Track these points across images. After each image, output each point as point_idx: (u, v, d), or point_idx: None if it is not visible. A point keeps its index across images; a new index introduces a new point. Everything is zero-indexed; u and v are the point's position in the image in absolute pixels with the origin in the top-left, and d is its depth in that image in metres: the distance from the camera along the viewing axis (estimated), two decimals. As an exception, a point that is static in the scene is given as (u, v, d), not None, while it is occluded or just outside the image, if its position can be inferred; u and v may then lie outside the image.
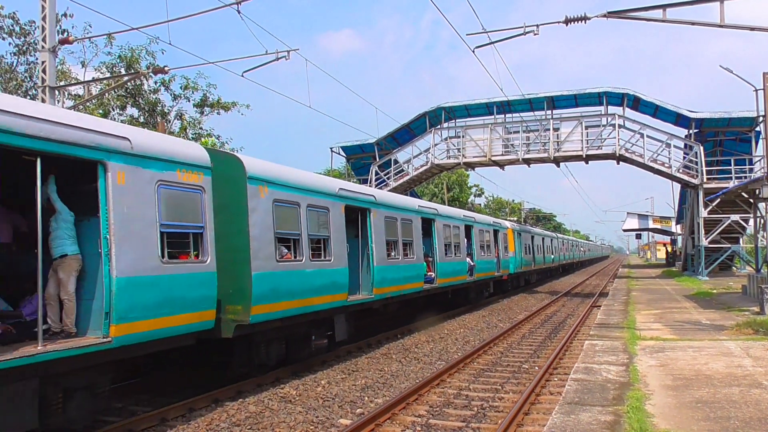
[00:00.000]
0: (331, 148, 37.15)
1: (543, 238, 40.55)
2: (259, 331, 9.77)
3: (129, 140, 7.43)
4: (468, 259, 21.45)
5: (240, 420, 8.06)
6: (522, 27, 14.32)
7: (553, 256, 44.13)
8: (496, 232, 26.47)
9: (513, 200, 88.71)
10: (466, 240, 21.46)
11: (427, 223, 17.77)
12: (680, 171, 30.64)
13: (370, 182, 32.99)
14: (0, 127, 5.92)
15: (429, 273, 17.53)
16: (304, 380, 10.38)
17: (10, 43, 26.02)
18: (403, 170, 34.53)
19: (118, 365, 7.61)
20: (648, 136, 30.39)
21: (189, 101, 32.68)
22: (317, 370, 11.23)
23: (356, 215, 13.58)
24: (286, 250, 10.52)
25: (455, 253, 19.81)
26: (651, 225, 66.56)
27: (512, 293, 29.93)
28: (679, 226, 48.71)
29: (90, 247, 7.18)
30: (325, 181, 12.75)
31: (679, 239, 50.83)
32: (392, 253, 14.90)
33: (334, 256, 11.74)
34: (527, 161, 31.85)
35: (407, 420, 8.17)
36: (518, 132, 31.91)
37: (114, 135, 7.26)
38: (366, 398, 9.33)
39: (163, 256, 7.71)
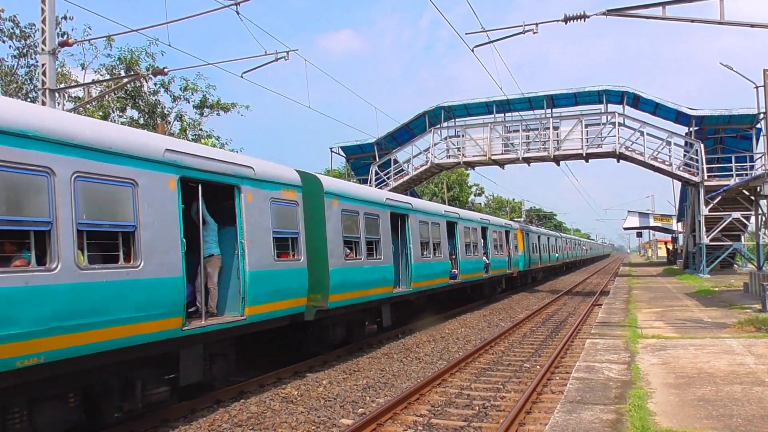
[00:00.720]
0: (330, 149, 37.16)
1: (548, 238, 42.74)
2: (331, 315, 12.00)
3: (253, 168, 9.76)
4: (484, 258, 23.50)
5: (242, 420, 8.06)
6: (521, 26, 14.30)
7: (557, 255, 46.18)
8: (507, 232, 28.60)
9: (513, 199, 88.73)
10: (482, 240, 23.67)
11: (451, 226, 20.01)
12: (681, 169, 30.60)
13: (370, 182, 32.98)
14: (191, 165, 8.31)
15: (453, 270, 19.58)
16: (306, 380, 10.38)
17: (10, 46, 26.05)
18: (403, 170, 34.51)
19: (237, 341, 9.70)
20: (648, 134, 30.35)
21: (189, 102, 32.70)
22: (318, 370, 11.22)
23: (396, 220, 15.71)
24: (349, 251, 12.68)
25: (474, 253, 22.10)
26: (652, 223, 66.40)
27: (513, 292, 29.94)
28: (680, 224, 48.67)
29: (227, 249, 9.44)
30: (376, 193, 15.47)
31: (680, 237, 50.81)
32: (425, 252, 17.09)
33: (383, 255, 14.05)
34: (527, 160, 31.82)
35: (409, 420, 8.16)
36: (518, 131, 31.87)
37: (244, 165, 9.56)
38: (367, 398, 9.32)
39: (276, 256, 10.10)
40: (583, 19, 13.81)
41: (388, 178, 33.84)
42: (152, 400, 7.71)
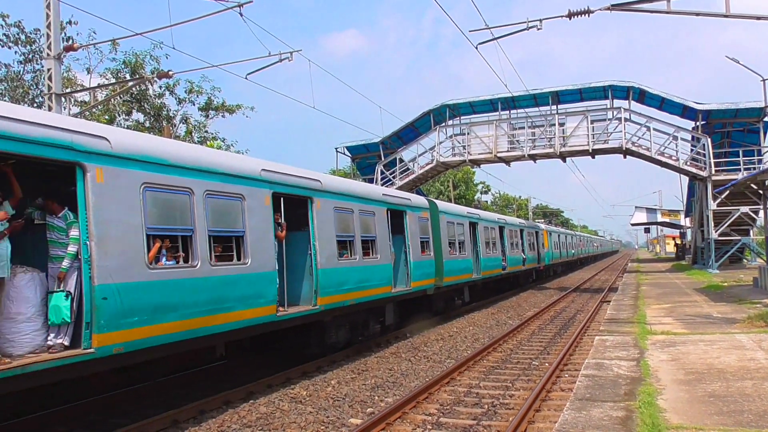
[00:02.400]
0: (336, 149, 37.10)
1: (566, 236, 50.26)
2: (442, 291, 17.95)
3: (410, 200, 16.31)
4: (522, 254, 29.34)
5: (251, 421, 8.07)
6: (525, 22, 14.24)
7: (573, 251, 53.27)
8: (537, 233, 34.59)
9: (520, 196, 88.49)
10: (519, 240, 29.39)
11: (501, 230, 26.18)
12: (688, 163, 30.41)
13: (376, 181, 32.95)
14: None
15: (503, 263, 25.56)
16: (314, 380, 10.39)
17: (16, 52, 26.22)
18: (408, 169, 34.46)
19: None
20: (655, 129, 30.16)
21: (194, 105, 32.86)
22: (327, 370, 11.23)
23: (470, 227, 21.43)
24: (451, 249, 18.63)
25: (513, 250, 27.63)
26: (659, 219, 65.98)
27: (521, 290, 29.89)
28: (687, 219, 48.37)
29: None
30: (461, 208, 22.39)
31: (689, 232, 50.51)
32: (488, 250, 23.30)
33: (467, 251, 20.42)
34: (533, 157, 31.72)
35: (418, 419, 8.16)
36: (523, 128, 31.76)
37: (407, 198, 16.25)
38: (376, 397, 9.32)
39: (421, 252, 16.10)
40: (587, 15, 13.73)
41: (393, 177, 33.80)
42: (372, 332, 13.71)
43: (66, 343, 6.67)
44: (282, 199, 10.32)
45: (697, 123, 31.02)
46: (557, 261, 41.80)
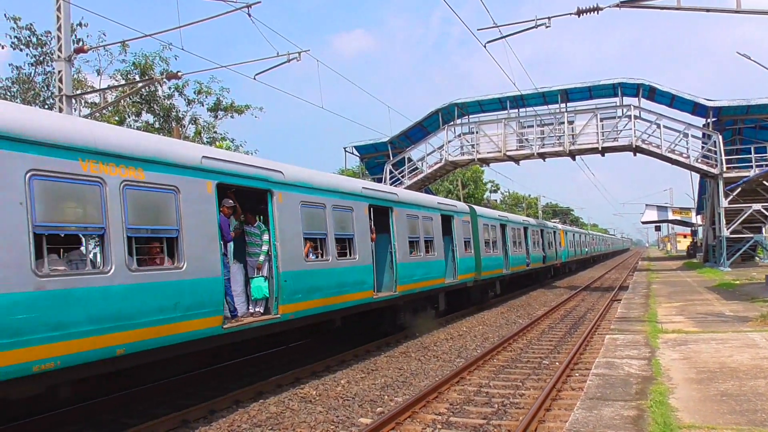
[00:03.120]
0: (344, 148, 37.11)
1: (580, 235, 54.13)
2: (480, 284, 20.77)
3: (456, 206, 19.43)
4: (542, 251, 32.20)
5: (261, 420, 8.09)
6: (534, 20, 14.19)
7: (586, 249, 56.54)
8: (555, 232, 37.36)
9: (529, 195, 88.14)
10: (540, 239, 32.25)
11: (525, 230, 28.92)
12: (699, 161, 30.15)
13: (385, 181, 32.93)
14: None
15: (527, 260, 28.34)
16: (324, 380, 10.40)
17: (27, 54, 26.44)
18: (417, 168, 34.40)
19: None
20: (665, 127, 29.89)
21: (203, 106, 32.98)
22: (336, 370, 11.24)
23: (499, 229, 24.33)
24: (486, 247, 21.45)
25: (534, 248, 30.36)
26: (670, 216, 65.52)
27: (530, 289, 29.79)
28: (699, 217, 47.99)
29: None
30: (493, 212, 25.24)
31: (700, 230, 50.12)
32: (515, 249, 26.12)
33: (499, 250, 23.43)
34: (542, 155, 31.58)
35: (428, 418, 8.14)
36: (532, 126, 31.61)
37: (453, 205, 19.30)
38: (386, 397, 9.32)
39: (464, 250, 18.88)
40: (596, 12, 13.65)
41: (402, 177, 33.77)
42: (427, 315, 16.38)
43: (261, 311, 9.75)
44: (372, 209, 13.30)
45: (708, 120, 30.76)
46: (573, 258, 45.31)
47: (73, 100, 16.04)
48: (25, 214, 5.98)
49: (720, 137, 29.23)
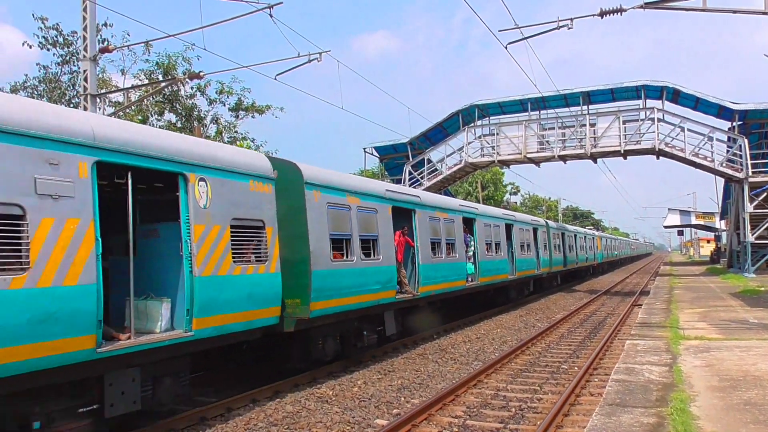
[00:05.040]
0: (364, 149, 37.11)
1: (611, 240, 63.42)
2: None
3: (515, 216, 24.29)
4: (584, 254, 38.79)
5: (277, 420, 8.12)
6: (556, 21, 14.06)
7: (615, 252, 65.58)
8: (593, 237, 45.27)
9: (549, 197, 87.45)
10: (574, 242, 36.41)
11: (563, 235, 33.17)
12: (723, 165, 29.65)
13: (404, 182, 32.91)
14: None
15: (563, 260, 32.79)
16: (341, 380, 10.41)
17: (54, 54, 26.90)
18: (436, 169, 34.31)
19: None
20: (689, 130, 29.47)
21: (224, 105, 33.24)
22: (353, 371, 11.25)
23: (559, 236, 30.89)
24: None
25: (572, 251, 34.95)
26: (693, 221, 64.56)
27: (550, 292, 29.53)
28: (723, 222, 47.22)
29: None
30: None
31: (724, 235, 49.26)
32: (556, 251, 30.38)
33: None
34: (563, 158, 31.30)
35: (444, 421, 8.11)
36: (554, 128, 31.36)
37: (512, 216, 23.82)
38: (402, 399, 9.30)
39: (524, 252, 23.72)
40: (619, 13, 13.50)
41: (421, 178, 33.70)
42: (501, 302, 21.68)
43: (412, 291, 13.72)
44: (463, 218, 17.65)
45: (734, 123, 30.23)
46: (605, 260, 53.47)
47: (98, 99, 16.28)
48: (327, 227, 10.57)
49: (746, 141, 28.70)
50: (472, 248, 18.09)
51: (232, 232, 8.27)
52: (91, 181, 6.43)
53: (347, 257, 11.25)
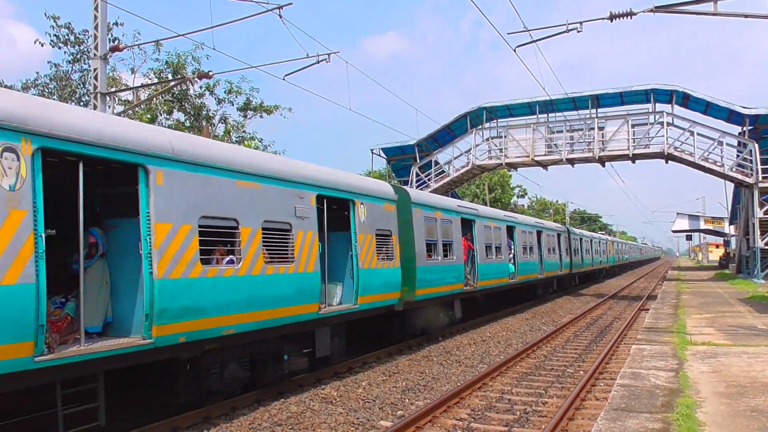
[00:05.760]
0: (371, 150, 37.15)
1: (623, 245, 70.13)
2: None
3: (543, 223, 29.48)
4: (598, 257, 43.12)
5: (282, 420, 8.13)
6: (565, 24, 14.01)
7: (626, 256, 69.79)
8: (606, 242, 49.84)
9: (557, 201, 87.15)
10: (589, 247, 40.36)
11: (580, 240, 37.09)
12: (733, 170, 29.41)
13: (411, 183, 32.89)
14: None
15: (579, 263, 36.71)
16: (345, 381, 10.41)
17: (65, 52, 27.09)
18: (443, 171, 34.26)
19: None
20: (698, 134, 29.24)
21: (233, 105, 33.32)
22: (358, 372, 11.25)
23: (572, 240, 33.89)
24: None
25: (587, 254, 39.01)
26: (702, 226, 64.07)
27: (557, 296, 29.44)
28: (732, 227, 46.90)
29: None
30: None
31: (733, 240, 48.94)
32: (584, 254, 36.45)
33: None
34: (571, 161, 31.17)
35: (448, 423, 8.09)
36: (562, 131, 31.24)
37: (541, 223, 29.04)
38: (407, 400, 9.29)
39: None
40: (629, 17, 13.43)
41: (429, 180, 33.66)
42: (528, 298, 24.91)
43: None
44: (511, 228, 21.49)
45: (744, 128, 29.99)
46: (617, 263, 57.62)
47: (107, 98, 16.38)
48: (423, 234, 14.11)
49: (756, 146, 28.47)
50: (512, 251, 21.66)
51: (377, 239, 11.90)
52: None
53: (434, 257, 14.63)
